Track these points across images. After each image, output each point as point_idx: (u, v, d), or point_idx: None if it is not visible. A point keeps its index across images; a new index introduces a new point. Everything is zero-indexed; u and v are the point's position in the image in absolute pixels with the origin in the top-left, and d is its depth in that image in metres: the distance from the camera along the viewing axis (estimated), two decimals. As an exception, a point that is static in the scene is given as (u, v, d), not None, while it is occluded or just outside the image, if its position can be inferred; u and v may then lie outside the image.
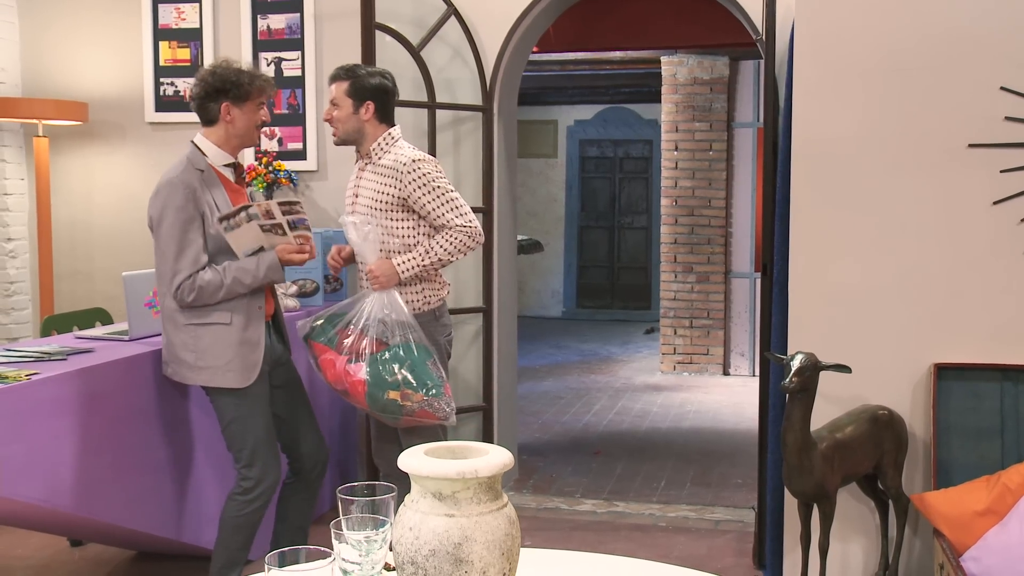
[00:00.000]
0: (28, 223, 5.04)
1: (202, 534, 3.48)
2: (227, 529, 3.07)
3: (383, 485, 1.53)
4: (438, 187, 3.19)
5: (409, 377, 3.03)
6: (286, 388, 3.25)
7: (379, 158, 3.26)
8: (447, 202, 3.19)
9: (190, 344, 2.99)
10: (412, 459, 1.46)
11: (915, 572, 3.36)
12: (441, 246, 3.18)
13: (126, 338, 3.41)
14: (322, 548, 1.36)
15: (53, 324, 4.11)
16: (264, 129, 3.51)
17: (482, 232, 3.25)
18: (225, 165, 3.06)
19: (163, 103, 4.85)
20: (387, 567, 1.55)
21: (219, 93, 3.00)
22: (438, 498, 1.43)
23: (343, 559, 1.43)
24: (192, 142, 3.05)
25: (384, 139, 3.28)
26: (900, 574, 3.34)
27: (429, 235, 3.24)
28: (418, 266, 3.18)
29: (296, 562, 1.34)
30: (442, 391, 3.07)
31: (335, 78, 3.30)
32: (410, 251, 3.22)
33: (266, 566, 1.32)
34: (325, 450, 3.32)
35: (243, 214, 2.93)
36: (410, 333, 3.11)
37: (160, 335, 3.49)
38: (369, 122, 3.27)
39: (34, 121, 4.70)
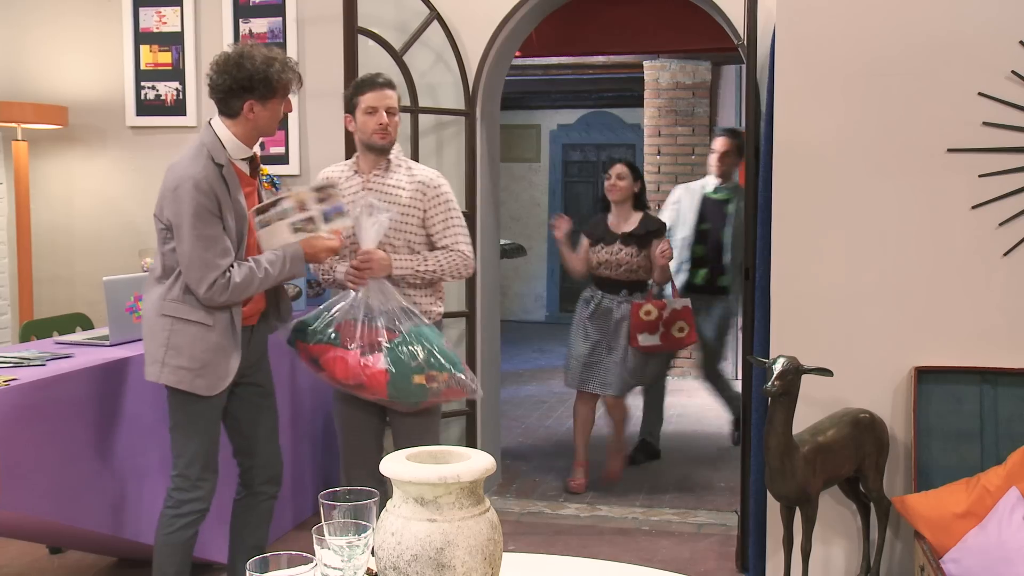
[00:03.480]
0: (7, 227, 5.00)
1: (183, 540, 3.45)
2: (159, 550, 2.90)
3: (365, 491, 1.52)
4: (453, 209, 3.28)
5: (432, 359, 3.03)
6: (257, 390, 3.07)
7: (395, 168, 3.27)
8: (457, 225, 3.28)
9: (161, 338, 2.81)
10: (394, 464, 1.46)
11: (896, 574, 3.38)
12: (439, 260, 3.23)
13: (107, 343, 3.38)
14: (304, 554, 1.35)
15: (32, 329, 4.08)
16: None
17: (474, 267, 3.33)
18: (242, 159, 2.91)
19: (144, 107, 4.83)
20: (369, 572, 1.54)
21: (244, 91, 2.79)
22: (420, 503, 1.42)
23: (325, 565, 1.43)
24: (210, 125, 2.88)
25: (399, 148, 3.34)
26: (881, 576, 3.36)
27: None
28: (412, 269, 3.19)
29: (278, 568, 1.33)
30: (463, 367, 3.12)
31: (390, 85, 3.28)
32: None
33: (248, 572, 1.31)
34: (278, 466, 3.15)
35: (277, 209, 2.85)
36: (416, 319, 3.12)
37: (139, 340, 3.48)
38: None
39: (13, 125, 4.67)
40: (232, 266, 2.78)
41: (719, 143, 5.28)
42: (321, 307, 3.21)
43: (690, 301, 4.71)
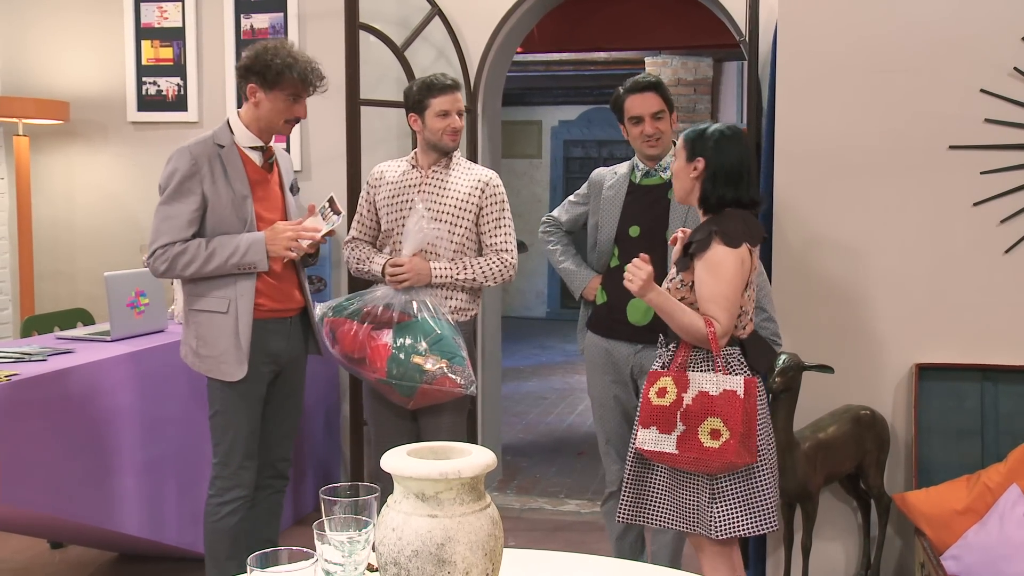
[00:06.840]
0: (8, 223, 5.01)
1: (183, 535, 3.46)
2: (208, 538, 2.97)
3: (366, 486, 1.53)
4: (506, 210, 3.34)
5: (436, 344, 3.04)
6: (287, 387, 3.10)
7: (454, 166, 3.29)
8: (507, 227, 3.32)
9: (193, 329, 2.93)
10: (395, 460, 1.46)
11: (897, 571, 3.38)
12: (480, 267, 3.22)
13: (107, 339, 3.39)
14: (305, 549, 1.35)
15: (34, 324, 4.08)
16: None
17: (515, 271, 3.33)
18: (252, 147, 2.97)
19: (145, 102, 4.82)
20: (370, 568, 1.54)
21: (249, 72, 2.91)
22: (421, 499, 1.42)
23: (326, 560, 1.43)
24: (228, 116, 3.00)
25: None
26: (881, 573, 3.36)
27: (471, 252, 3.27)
28: (451, 277, 3.19)
29: (279, 563, 1.33)
30: (464, 362, 3.08)
31: (458, 87, 3.30)
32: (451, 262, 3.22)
33: (248, 567, 1.32)
34: (287, 462, 3.18)
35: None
36: (436, 310, 3.13)
37: (141, 335, 3.50)
38: None
39: (14, 120, 4.66)
40: (185, 240, 2.85)
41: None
42: (360, 292, 3.26)
43: (742, 384, 2.40)
